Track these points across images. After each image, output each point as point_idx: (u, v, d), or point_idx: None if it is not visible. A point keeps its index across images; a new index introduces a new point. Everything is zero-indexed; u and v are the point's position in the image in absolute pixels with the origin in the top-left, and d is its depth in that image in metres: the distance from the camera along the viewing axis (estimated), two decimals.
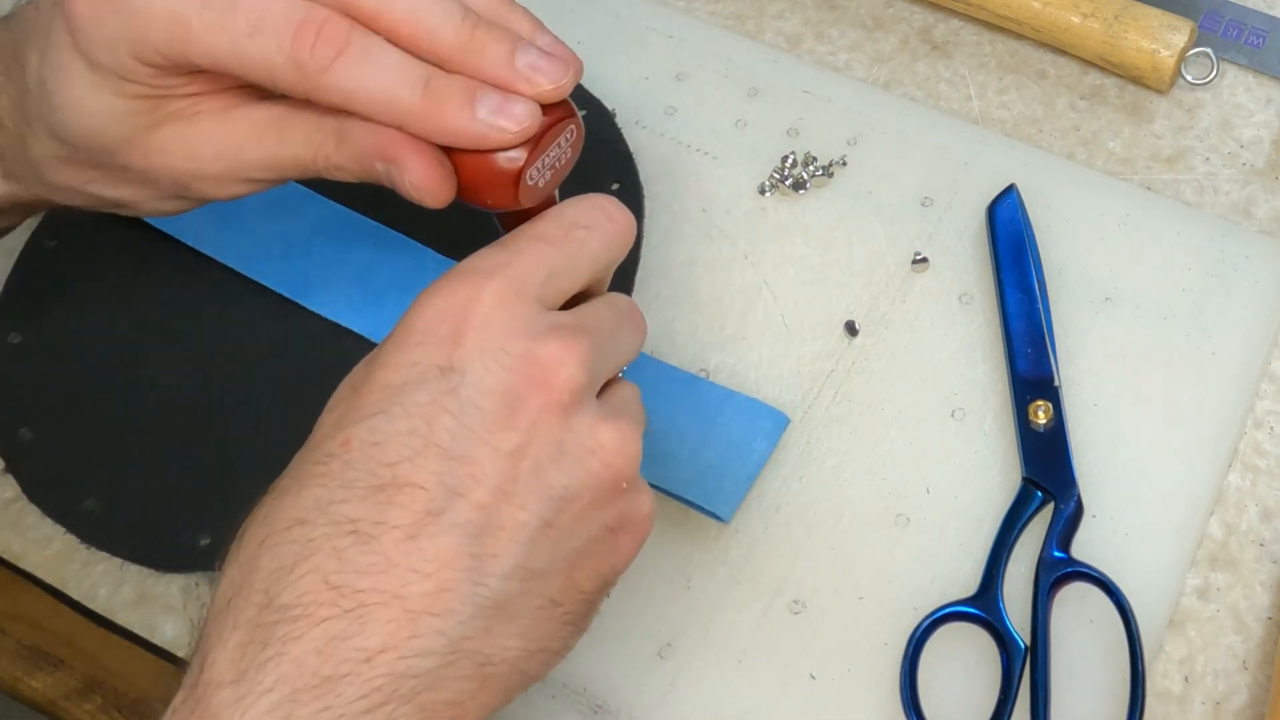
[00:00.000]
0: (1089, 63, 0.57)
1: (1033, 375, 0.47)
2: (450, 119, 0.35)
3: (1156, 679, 0.44)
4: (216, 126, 0.39)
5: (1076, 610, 0.44)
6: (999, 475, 0.47)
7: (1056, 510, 0.45)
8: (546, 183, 0.38)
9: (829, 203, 0.53)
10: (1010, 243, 0.50)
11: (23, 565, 0.47)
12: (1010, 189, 0.51)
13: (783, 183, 0.53)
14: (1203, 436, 0.47)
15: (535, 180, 0.37)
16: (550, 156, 0.37)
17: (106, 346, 0.51)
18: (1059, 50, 0.57)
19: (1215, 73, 0.56)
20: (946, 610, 0.43)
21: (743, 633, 0.45)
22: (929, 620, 0.43)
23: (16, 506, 0.48)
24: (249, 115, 0.39)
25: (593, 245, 0.37)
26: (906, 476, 0.47)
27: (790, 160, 0.54)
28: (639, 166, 0.54)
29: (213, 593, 0.34)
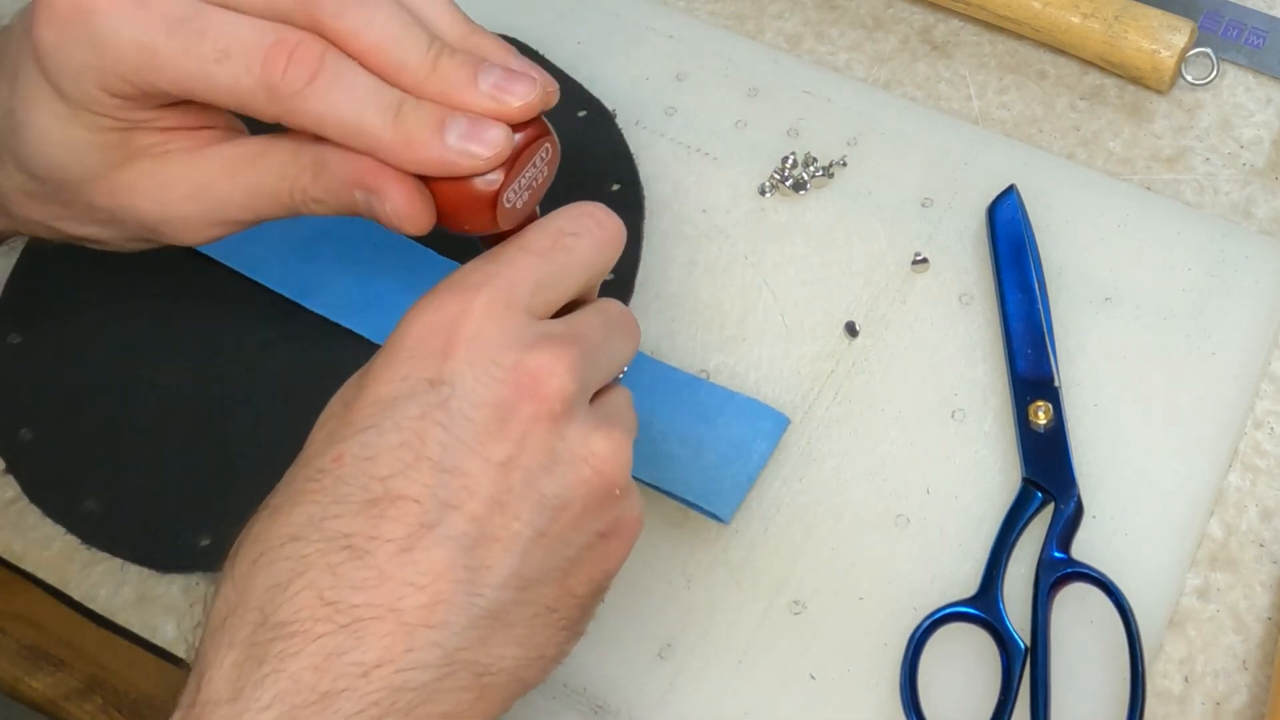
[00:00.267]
0: (1089, 63, 0.57)
1: (1033, 375, 0.47)
2: (420, 147, 0.35)
3: (1156, 679, 0.44)
4: (188, 165, 0.38)
5: (1076, 610, 0.44)
6: (999, 475, 0.47)
7: (1056, 510, 0.45)
8: (525, 203, 0.37)
9: (829, 203, 0.53)
10: (1010, 243, 0.50)
11: (23, 565, 0.47)
12: (1010, 189, 0.51)
13: (783, 183, 0.53)
14: (1203, 436, 0.47)
15: (513, 202, 0.37)
16: (526, 177, 0.37)
17: (107, 347, 0.51)
18: (1059, 50, 0.57)
19: (1215, 73, 0.56)
20: (947, 610, 0.43)
21: (743, 633, 0.45)
22: (929, 620, 0.43)
23: (17, 507, 0.48)
24: (221, 153, 0.39)
25: (582, 253, 0.37)
26: (907, 477, 0.47)
27: (790, 161, 0.54)
28: (639, 167, 0.54)
29: (207, 612, 0.33)
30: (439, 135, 0.35)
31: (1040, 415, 0.47)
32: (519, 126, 0.36)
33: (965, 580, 0.45)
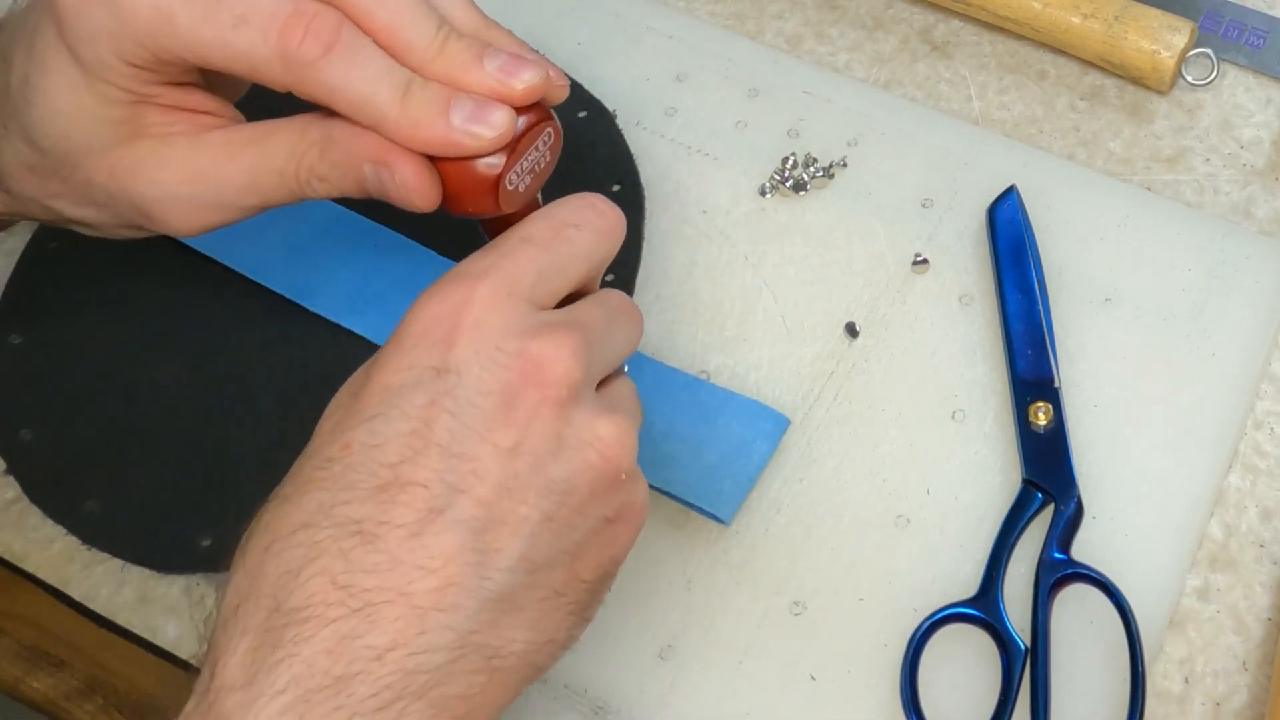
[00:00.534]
0: (1089, 63, 0.57)
1: (1033, 376, 0.47)
2: (426, 126, 0.36)
3: (1156, 679, 0.44)
4: (190, 147, 0.39)
5: (1076, 611, 0.44)
6: (999, 476, 0.47)
7: (1056, 511, 0.45)
8: (527, 187, 0.38)
9: (829, 204, 0.53)
10: (1010, 243, 0.50)
11: (24, 566, 0.47)
12: (1010, 190, 0.51)
13: (783, 184, 0.53)
14: (1203, 437, 0.47)
15: (515, 185, 0.37)
16: (529, 160, 0.37)
17: (108, 348, 0.51)
18: (1059, 51, 0.57)
19: (1215, 73, 0.56)
20: (947, 611, 0.43)
21: (743, 634, 0.45)
22: (929, 621, 0.43)
23: (18, 507, 0.48)
24: (225, 136, 0.39)
25: (583, 244, 0.37)
26: (907, 477, 0.47)
27: (790, 161, 0.54)
28: (639, 167, 0.54)
29: (218, 603, 0.34)
30: (445, 115, 0.36)
31: (1040, 416, 0.47)
32: (522, 110, 0.37)
33: (965, 581, 0.45)
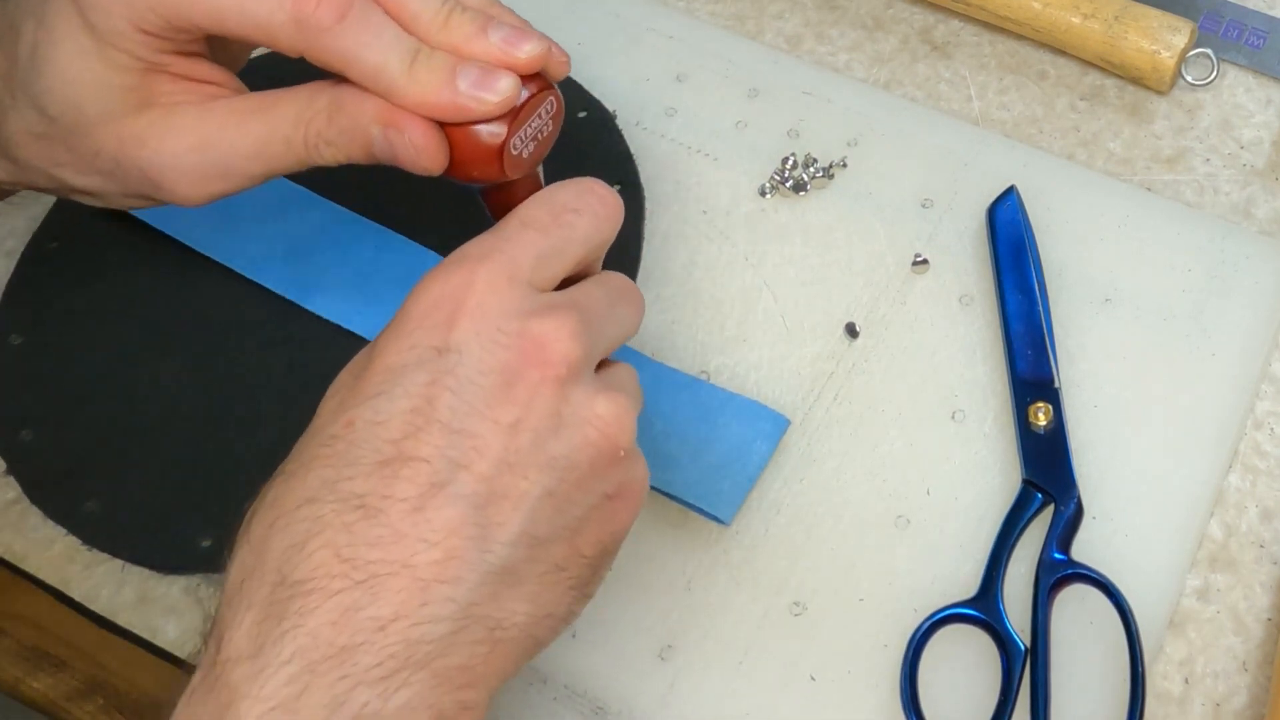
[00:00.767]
0: (1089, 63, 0.57)
1: (1033, 376, 0.47)
2: (433, 91, 0.37)
3: (1156, 680, 0.44)
4: (198, 116, 0.40)
5: (1076, 611, 0.44)
6: (999, 476, 0.47)
7: (1056, 511, 0.45)
8: (530, 154, 0.39)
9: (829, 204, 0.53)
10: (1010, 244, 0.50)
11: (24, 566, 0.47)
12: (1010, 190, 0.51)
13: (783, 184, 0.53)
14: (1203, 437, 0.47)
15: (519, 150, 0.39)
16: (532, 128, 0.39)
17: (108, 348, 0.51)
18: (1059, 51, 0.57)
19: (1215, 73, 0.56)
20: (947, 612, 0.43)
21: (743, 634, 0.45)
22: (929, 622, 0.43)
23: (18, 508, 0.48)
24: (232, 104, 0.40)
25: (582, 227, 0.38)
26: (907, 478, 0.47)
27: (790, 161, 0.54)
28: (639, 168, 0.54)
29: (224, 580, 0.34)
30: (451, 81, 0.37)
31: (1040, 416, 0.47)
32: (526, 80, 0.38)
33: (965, 581, 0.45)
